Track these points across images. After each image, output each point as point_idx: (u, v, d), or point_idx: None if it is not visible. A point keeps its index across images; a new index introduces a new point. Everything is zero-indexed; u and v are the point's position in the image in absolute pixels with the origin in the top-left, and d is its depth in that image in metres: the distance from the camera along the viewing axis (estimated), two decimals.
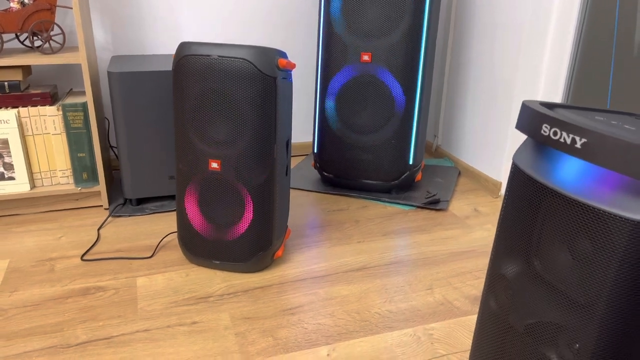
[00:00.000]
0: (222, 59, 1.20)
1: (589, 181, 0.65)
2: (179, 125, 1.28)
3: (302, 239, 1.57)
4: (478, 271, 1.41)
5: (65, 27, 1.82)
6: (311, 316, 1.21)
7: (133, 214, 1.67)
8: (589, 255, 0.66)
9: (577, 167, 0.66)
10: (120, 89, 1.56)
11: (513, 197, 0.77)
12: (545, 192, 0.70)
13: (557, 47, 1.71)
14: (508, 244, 0.79)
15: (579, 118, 0.68)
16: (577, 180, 0.66)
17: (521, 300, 0.76)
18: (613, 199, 0.61)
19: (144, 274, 1.36)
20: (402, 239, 1.58)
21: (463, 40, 2.04)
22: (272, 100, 1.24)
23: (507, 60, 1.79)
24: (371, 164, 1.80)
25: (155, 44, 1.96)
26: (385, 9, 1.64)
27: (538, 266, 0.74)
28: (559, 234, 0.70)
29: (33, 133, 1.59)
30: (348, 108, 1.77)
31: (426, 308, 1.25)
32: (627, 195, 0.60)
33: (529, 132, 0.71)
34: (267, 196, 1.30)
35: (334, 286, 1.33)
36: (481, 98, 1.95)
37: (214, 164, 1.27)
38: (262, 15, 2.04)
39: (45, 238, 1.53)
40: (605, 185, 0.63)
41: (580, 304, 0.67)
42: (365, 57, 1.69)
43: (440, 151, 2.26)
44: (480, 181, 1.98)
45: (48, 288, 1.29)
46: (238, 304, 1.25)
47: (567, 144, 0.64)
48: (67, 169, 1.66)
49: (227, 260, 1.35)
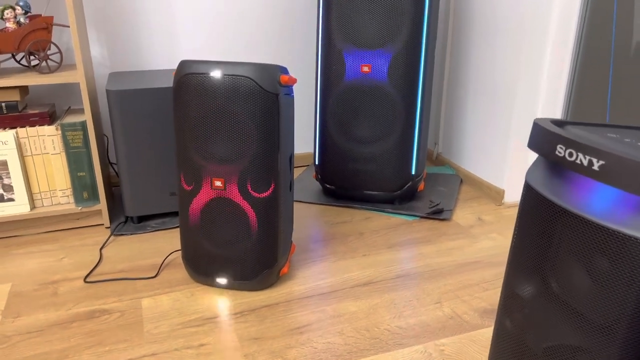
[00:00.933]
0: (224, 77, 1.19)
1: (607, 202, 0.64)
2: (181, 144, 1.27)
3: (306, 253, 1.55)
4: (486, 283, 1.40)
5: (62, 44, 1.81)
6: (320, 335, 1.20)
7: (135, 232, 1.65)
8: (607, 276, 0.65)
9: (593, 188, 0.65)
10: (119, 107, 1.54)
11: (527, 216, 0.76)
12: (560, 213, 0.69)
13: (557, 54, 1.71)
14: (523, 263, 0.78)
15: (594, 137, 0.67)
16: (594, 201, 0.65)
17: (538, 321, 0.75)
18: (633, 221, 0.60)
19: (149, 294, 1.35)
20: (408, 250, 1.57)
21: (462, 46, 2.03)
22: (275, 116, 1.23)
23: (507, 66, 1.79)
24: (373, 175, 1.79)
25: (152, 60, 1.94)
26: (385, 20, 1.63)
27: (555, 287, 0.73)
28: (576, 255, 0.69)
29: (32, 153, 1.57)
30: (349, 119, 1.76)
31: (436, 323, 1.24)
32: None
33: (543, 152, 0.70)
34: (272, 213, 1.29)
35: (341, 302, 1.32)
36: (481, 105, 1.95)
37: (217, 182, 1.26)
38: (259, 28, 2.04)
39: (47, 260, 1.51)
40: (624, 206, 0.62)
41: (600, 326, 0.66)
42: (365, 69, 1.69)
43: (441, 159, 2.25)
44: (482, 189, 1.98)
45: (52, 312, 1.27)
46: (245, 324, 1.23)
47: (583, 166, 0.63)
48: (67, 189, 1.64)
49: (233, 278, 1.34)
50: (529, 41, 1.69)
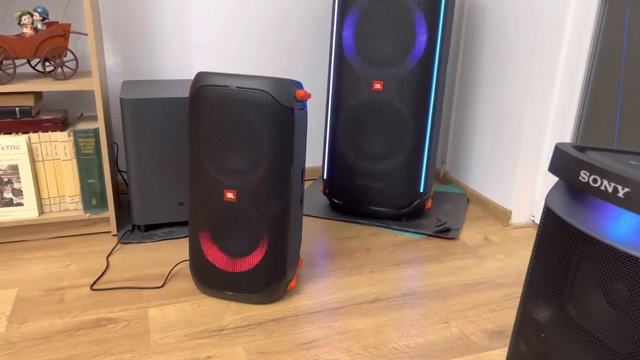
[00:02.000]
0: (240, 90, 1.20)
1: (629, 229, 0.64)
2: (194, 155, 1.27)
3: (314, 268, 1.55)
4: (493, 304, 1.40)
5: (77, 51, 1.82)
6: (327, 351, 1.19)
7: (142, 241, 1.65)
8: (627, 303, 0.65)
9: (616, 214, 0.66)
10: (132, 115, 1.55)
11: (546, 240, 0.76)
12: (581, 238, 0.69)
13: (567, 79, 1.72)
14: (540, 287, 0.78)
15: (617, 164, 0.67)
16: (616, 227, 0.65)
17: (554, 346, 0.75)
18: None
19: (156, 304, 1.34)
20: (415, 268, 1.56)
21: (472, 66, 2.05)
22: (290, 130, 1.24)
23: (517, 89, 1.80)
24: (382, 192, 1.80)
25: (165, 69, 1.96)
26: (398, 38, 1.65)
27: (572, 312, 0.73)
28: (595, 280, 0.69)
29: (43, 159, 1.57)
30: (359, 136, 1.77)
31: (443, 343, 1.23)
32: None
33: (565, 176, 0.70)
34: (282, 227, 1.29)
35: (348, 319, 1.31)
36: (490, 125, 1.96)
37: (229, 194, 1.26)
38: (273, 40, 2.05)
39: (54, 266, 1.50)
40: None
41: (619, 353, 0.66)
42: (377, 86, 1.70)
43: (448, 177, 2.26)
44: (489, 209, 1.98)
45: (58, 319, 1.27)
46: (252, 337, 1.23)
47: (608, 192, 0.63)
48: (76, 195, 1.64)
49: (241, 291, 1.33)
50: (539, 66, 1.71)
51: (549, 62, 1.71)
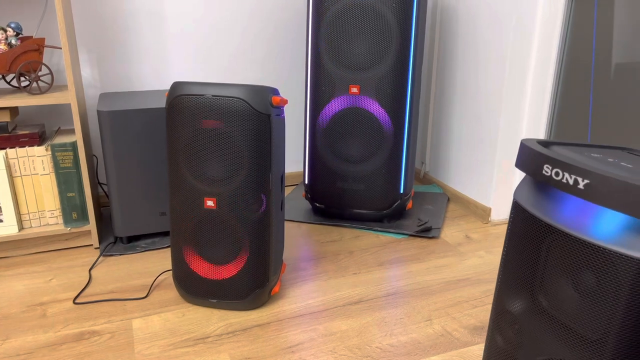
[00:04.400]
0: (216, 99, 1.21)
1: (592, 220, 0.66)
2: (173, 164, 1.28)
3: (297, 272, 1.56)
4: (474, 300, 1.42)
5: (52, 65, 1.82)
6: (312, 354, 1.20)
7: (124, 253, 1.65)
8: (594, 291, 0.67)
9: (579, 206, 0.68)
10: (110, 127, 1.55)
11: (515, 234, 0.78)
12: (548, 230, 0.72)
13: (539, 76, 1.76)
14: (512, 280, 0.80)
15: (578, 157, 0.70)
16: (580, 218, 0.68)
17: (529, 336, 0.77)
18: (618, 237, 0.63)
19: (140, 315, 1.34)
20: (397, 268, 1.58)
21: (447, 67, 2.08)
22: (267, 137, 1.25)
23: (491, 88, 1.83)
24: (363, 194, 1.81)
25: (142, 80, 1.96)
26: (372, 42, 1.67)
27: (544, 302, 0.75)
28: (563, 271, 0.71)
29: (21, 174, 1.57)
30: (338, 139, 1.79)
31: (426, 340, 1.25)
32: (631, 234, 0.62)
33: (530, 171, 0.72)
34: (263, 232, 1.30)
35: (333, 321, 1.32)
36: (467, 124, 1.99)
37: (209, 202, 1.27)
38: (249, 48, 2.07)
39: (35, 281, 1.50)
40: (609, 223, 0.64)
41: (589, 340, 0.68)
42: (354, 90, 1.72)
43: (428, 177, 2.29)
44: (469, 207, 2.01)
45: (41, 334, 1.26)
46: (237, 343, 1.23)
47: (569, 185, 0.65)
48: (56, 209, 1.63)
49: (224, 298, 1.34)
50: (511, 66, 1.75)
51: (520, 61, 1.75)
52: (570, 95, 1.72)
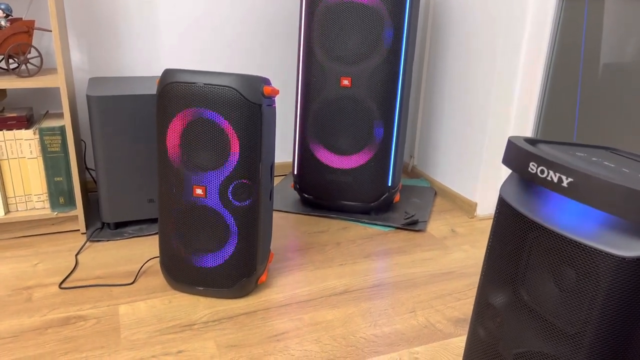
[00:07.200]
0: (207, 87, 1.21)
1: (575, 217, 0.68)
2: (163, 151, 1.28)
3: (284, 262, 1.57)
4: (458, 293, 1.44)
5: (42, 48, 1.80)
6: (297, 342, 1.21)
7: (111, 239, 1.65)
8: (574, 287, 0.69)
9: (562, 203, 0.70)
10: (99, 112, 1.54)
11: (500, 229, 0.80)
12: (531, 226, 0.73)
13: (528, 74, 1.78)
14: (495, 273, 0.82)
15: (563, 156, 0.71)
16: (562, 215, 0.69)
17: (510, 329, 0.79)
18: (598, 235, 0.65)
19: (126, 301, 1.35)
20: (383, 260, 1.60)
21: (438, 62, 2.10)
22: (257, 127, 1.25)
23: (481, 85, 1.85)
24: (351, 186, 1.83)
25: (132, 66, 1.95)
26: (364, 35, 1.68)
27: (525, 296, 0.77)
28: (545, 266, 0.73)
29: (8, 157, 1.55)
30: (328, 131, 1.79)
31: (410, 331, 1.27)
32: (612, 232, 0.64)
33: (516, 168, 0.74)
34: (252, 222, 1.31)
35: (318, 311, 1.34)
36: (456, 120, 2.01)
37: (198, 190, 1.27)
38: (241, 37, 2.06)
39: (21, 265, 1.49)
40: (591, 221, 0.66)
41: (568, 334, 0.70)
42: (345, 82, 1.72)
43: (416, 171, 2.31)
44: (456, 201, 2.03)
45: (26, 318, 1.26)
46: (223, 331, 1.24)
47: (553, 182, 0.67)
48: (42, 194, 1.62)
49: (211, 286, 1.35)
50: (501, 63, 1.76)
51: (510, 58, 1.77)
52: (558, 95, 1.74)
